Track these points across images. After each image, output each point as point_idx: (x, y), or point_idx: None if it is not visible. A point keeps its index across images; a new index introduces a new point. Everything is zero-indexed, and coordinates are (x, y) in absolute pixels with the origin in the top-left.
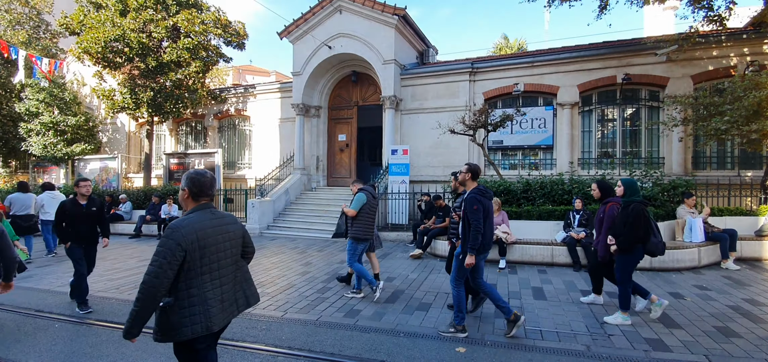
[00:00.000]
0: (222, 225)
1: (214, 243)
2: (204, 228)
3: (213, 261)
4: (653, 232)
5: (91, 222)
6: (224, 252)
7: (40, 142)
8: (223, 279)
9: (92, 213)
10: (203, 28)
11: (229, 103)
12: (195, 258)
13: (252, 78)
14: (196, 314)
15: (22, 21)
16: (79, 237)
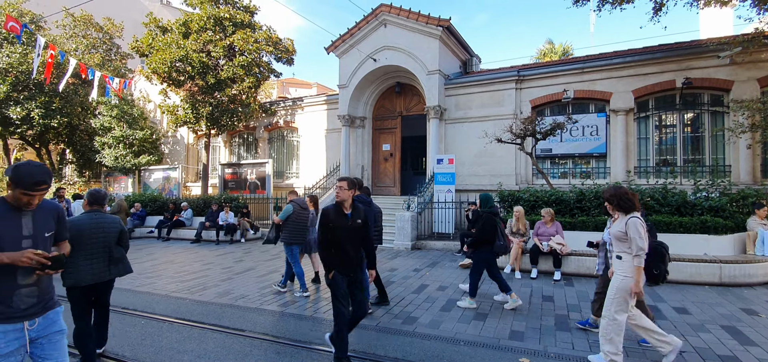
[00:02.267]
0: (99, 223)
1: (88, 234)
2: (82, 223)
3: (87, 244)
4: (498, 237)
5: None
6: (97, 240)
7: (111, 154)
8: (94, 256)
9: None
10: (256, 46)
11: (278, 115)
12: (74, 241)
13: (295, 90)
14: (72, 273)
15: (97, 45)
16: None
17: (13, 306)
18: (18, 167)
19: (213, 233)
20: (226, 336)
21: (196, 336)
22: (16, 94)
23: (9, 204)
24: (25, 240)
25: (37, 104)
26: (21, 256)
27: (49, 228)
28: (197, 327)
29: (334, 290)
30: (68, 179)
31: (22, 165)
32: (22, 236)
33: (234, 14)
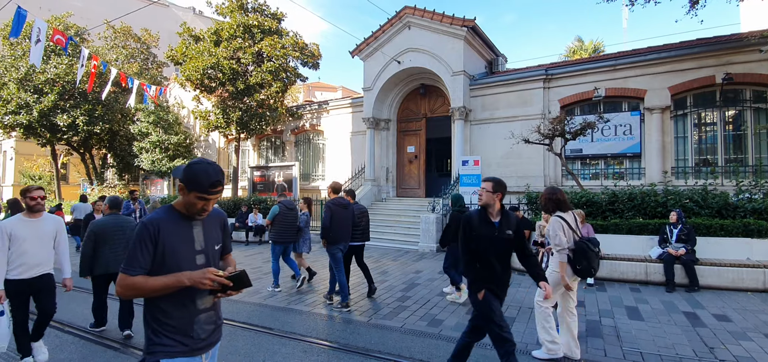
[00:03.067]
0: (118, 223)
1: (111, 231)
2: (106, 223)
3: (110, 240)
4: None
5: None
6: (117, 236)
7: (148, 158)
8: (116, 249)
9: None
10: (283, 52)
11: (304, 119)
12: (100, 238)
13: (321, 94)
14: (102, 264)
15: (135, 55)
16: None
17: (194, 336)
18: (192, 166)
19: (242, 234)
20: (256, 333)
21: (227, 333)
22: (62, 102)
23: (179, 213)
24: (199, 255)
25: (81, 112)
26: (203, 277)
27: (218, 239)
28: (229, 324)
29: (486, 313)
30: (109, 182)
31: (196, 163)
32: (195, 250)
33: (262, 22)
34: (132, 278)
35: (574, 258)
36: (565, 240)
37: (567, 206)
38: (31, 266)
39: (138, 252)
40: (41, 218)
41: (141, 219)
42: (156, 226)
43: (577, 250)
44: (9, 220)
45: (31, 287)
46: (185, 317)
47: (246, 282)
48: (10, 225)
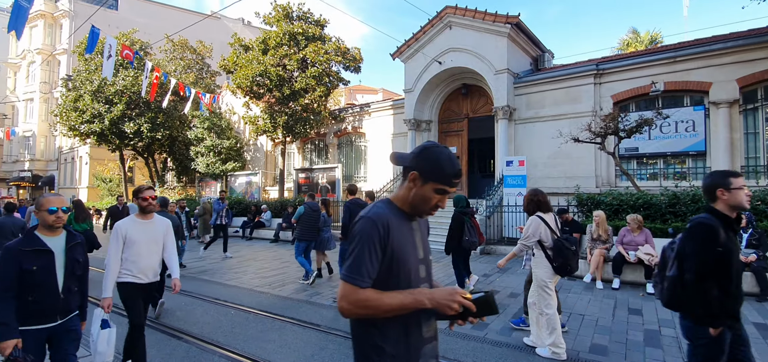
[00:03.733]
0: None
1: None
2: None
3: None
4: (466, 233)
5: None
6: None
7: (204, 162)
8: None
9: None
10: (326, 57)
11: (346, 121)
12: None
13: (362, 97)
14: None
15: (192, 65)
16: None
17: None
18: (432, 150)
19: (289, 234)
20: (304, 329)
21: (277, 327)
22: (129, 111)
23: (401, 211)
24: (421, 265)
25: (145, 120)
26: (450, 299)
27: (428, 245)
28: (278, 319)
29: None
30: (169, 184)
31: (434, 147)
32: (418, 259)
33: (306, 29)
34: (362, 291)
35: (553, 255)
36: (534, 237)
37: (547, 208)
38: (145, 270)
39: (366, 257)
40: (153, 220)
41: (362, 215)
42: (386, 225)
43: (554, 248)
44: (124, 221)
45: (143, 292)
46: (409, 347)
47: (493, 308)
48: (125, 227)
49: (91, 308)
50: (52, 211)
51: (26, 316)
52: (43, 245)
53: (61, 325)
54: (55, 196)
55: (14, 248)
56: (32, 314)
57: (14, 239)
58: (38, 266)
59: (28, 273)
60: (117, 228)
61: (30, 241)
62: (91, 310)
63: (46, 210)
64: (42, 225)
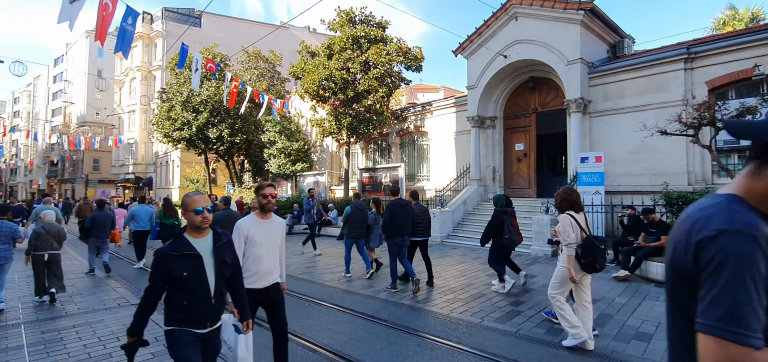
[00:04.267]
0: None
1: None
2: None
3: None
4: (505, 232)
5: None
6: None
7: (276, 163)
8: None
9: None
10: (388, 58)
11: (408, 121)
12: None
13: (423, 95)
14: None
15: (264, 74)
16: None
17: None
18: None
19: None
20: (372, 324)
21: (347, 320)
22: (212, 118)
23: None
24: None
25: (226, 125)
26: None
27: None
28: (348, 313)
29: None
30: (246, 184)
31: None
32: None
33: (368, 32)
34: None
35: (581, 253)
36: (573, 236)
37: (580, 207)
38: (265, 274)
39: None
40: (272, 219)
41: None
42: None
43: (583, 247)
44: (245, 220)
45: (261, 298)
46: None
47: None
48: (247, 226)
49: None
50: (198, 212)
51: (182, 319)
52: (191, 249)
53: (211, 333)
54: (199, 195)
55: (164, 253)
56: (187, 318)
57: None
58: (189, 272)
59: (179, 279)
60: (238, 228)
61: (178, 244)
62: None
63: (193, 210)
64: (189, 227)
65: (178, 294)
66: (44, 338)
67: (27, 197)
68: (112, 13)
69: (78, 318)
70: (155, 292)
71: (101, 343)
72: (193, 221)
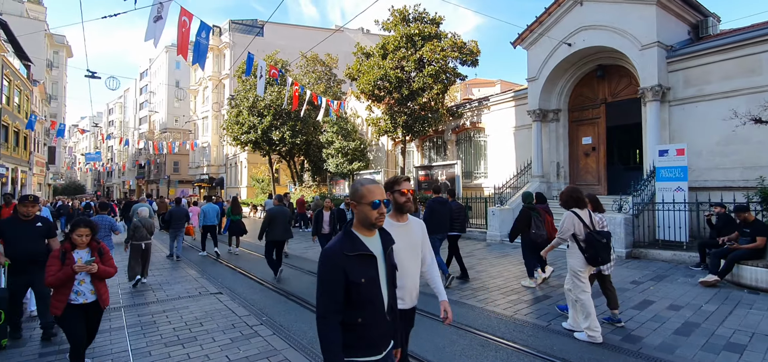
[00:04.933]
0: (282, 210)
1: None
2: (275, 210)
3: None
4: (533, 227)
5: None
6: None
7: (333, 162)
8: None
9: None
10: (443, 54)
11: (464, 117)
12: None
13: (478, 90)
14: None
15: (322, 77)
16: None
17: None
18: None
19: None
20: (430, 320)
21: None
22: (275, 121)
23: None
24: None
25: (287, 128)
26: None
27: None
28: None
29: None
30: (306, 183)
31: None
32: None
33: (422, 29)
34: None
35: (585, 247)
36: (569, 231)
37: (583, 204)
38: (411, 289)
39: None
40: (409, 222)
41: None
42: None
43: (586, 241)
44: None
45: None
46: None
47: None
48: None
49: None
50: (375, 205)
51: (356, 344)
52: (365, 248)
53: (383, 359)
54: (375, 185)
55: (336, 251)
56: (362, 341)
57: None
58: (366, 278)
59: (354, 286)
60: None
61: (352, 243)
62: None
63: (369, 203)
64: (360, 224)
65: (351, 310)
66: (140, 321)
67: (120, 196)
68: (189, 29)
69: (167, 304)
70: (336, 304)
71: (187, 327)
72: (367, 217)
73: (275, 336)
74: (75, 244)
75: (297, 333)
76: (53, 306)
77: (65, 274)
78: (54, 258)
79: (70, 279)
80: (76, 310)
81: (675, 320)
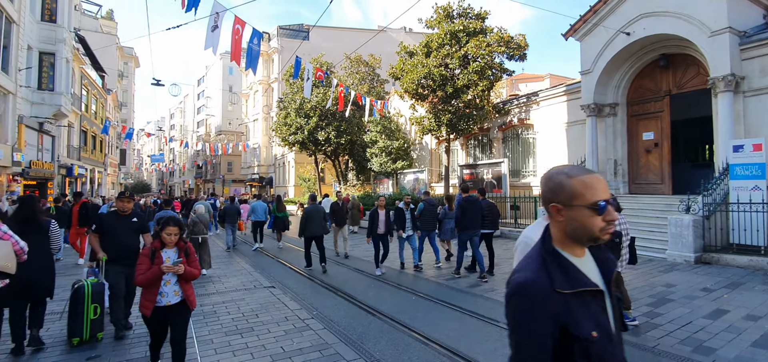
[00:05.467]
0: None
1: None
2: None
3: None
4: None
5: None
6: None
7: (377, 162)
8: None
9: None
10: (488, 49)
11: (511, 114)
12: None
13: (525, 86)
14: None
15: (365, 77)
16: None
17: None
18: None
19: None
20: (484, 323)
21: (457, 317)
22: (321, 122)
23: None
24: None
25: (332, 128)
26: None
27: None
28: (456, 309)
29: None
30: (350, 182)
31: None
32: None
33: (467, 25)
34: None
35: None
36: None
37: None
38: None
39: None
40: None
41: None
42: None
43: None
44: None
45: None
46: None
47: None
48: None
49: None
50: (601, 209)
51: None
52: (587, 281)
53: None
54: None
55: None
56: None
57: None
58: (598, 330)
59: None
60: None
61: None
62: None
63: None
64: (567, 238)
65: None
66: (203, 311)
67: (181, 194)
68: (241, 36)
69: (226, 295)
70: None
71: (244, 318)
72: (586, 228)
73: (326, 330)
74: (164, 243)
75: (346, 329)
76: (142, 306)
77: (153, 274)
78: (144, 256)
79: (158, 279)
80: (160, 312)
81: (753, 331)
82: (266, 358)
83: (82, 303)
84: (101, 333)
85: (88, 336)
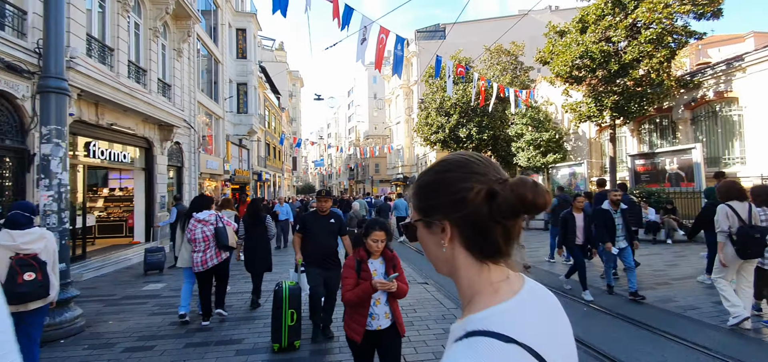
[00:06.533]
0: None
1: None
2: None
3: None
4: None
5: None
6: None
7: (524, 156)
8: None
9: None
10: (667, 11)
11: (704, 87)
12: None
13: (718, 51)
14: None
15: (507, 67)
16: None
17: None
18: None
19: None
20: (686, 348)
21: (649, 339)
22: (461, 119)
23: None
24: None
25: (473, 124)
26: None
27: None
28: (650, 331)
29: None
30: None
31: None
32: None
33: None
34: None
35: (735, 240)
36: (727, 225)
37: (744, 197)
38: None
39: None
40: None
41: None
42: None
43: (738, 234)
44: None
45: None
46: None
47: None
48: None
49: None
50: None
51: None
52: None
53: None
54: None
55: None
56: None
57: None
58: None
59: None
60: None
61: None
62: None
63: None
64: None
65: None
66: None
67: (339, 194)
68: (385, 44)
69: None
70: None
71: (403, 312)
72: None
73: None
74: (369, 251)
75: None
76: (351, 330)
77: (364, 290)
78: (349, 268)
79: (369, 297)
80: (370, 337)
81: None
82: (428, 354)
83: (280, 306)
84: (298, 341)
85: (287, 343)
